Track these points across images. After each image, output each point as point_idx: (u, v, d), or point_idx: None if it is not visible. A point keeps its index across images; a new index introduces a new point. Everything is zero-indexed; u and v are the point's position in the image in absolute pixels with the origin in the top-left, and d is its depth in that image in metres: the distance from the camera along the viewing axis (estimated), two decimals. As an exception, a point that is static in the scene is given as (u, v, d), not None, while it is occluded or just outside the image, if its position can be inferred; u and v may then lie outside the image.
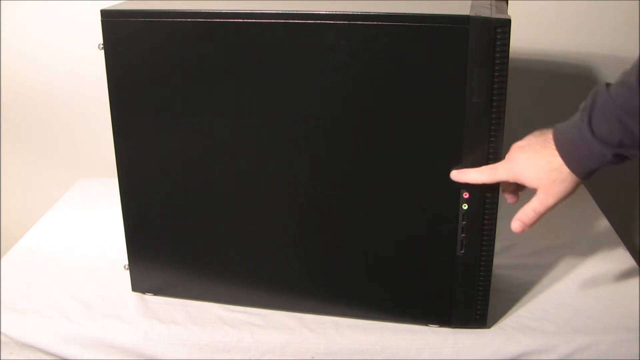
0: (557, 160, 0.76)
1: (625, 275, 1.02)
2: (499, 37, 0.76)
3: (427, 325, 0.92)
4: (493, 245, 0.86)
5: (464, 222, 0.84)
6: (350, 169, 0.86)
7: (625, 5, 1.29)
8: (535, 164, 0.78)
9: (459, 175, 0.82)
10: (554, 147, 0.77)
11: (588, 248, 1.10)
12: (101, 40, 0.86)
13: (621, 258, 1.07)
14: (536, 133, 0.80)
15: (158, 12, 0.84)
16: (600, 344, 0.88)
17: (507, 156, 0.81)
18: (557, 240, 1.12)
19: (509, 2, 0.92)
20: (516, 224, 0.81)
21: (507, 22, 0.75)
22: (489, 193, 0.83)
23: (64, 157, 1.49)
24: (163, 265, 0.97)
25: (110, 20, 0.85)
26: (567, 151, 0.76)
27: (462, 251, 0.86)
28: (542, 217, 0.80)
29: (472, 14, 0.76)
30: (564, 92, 1.36)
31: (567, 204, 0.81)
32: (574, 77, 1.35)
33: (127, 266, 0.99)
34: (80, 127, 1.45)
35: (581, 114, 0.75)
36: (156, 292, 1.00)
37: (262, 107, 0.85)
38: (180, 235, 0.95)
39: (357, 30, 0.79)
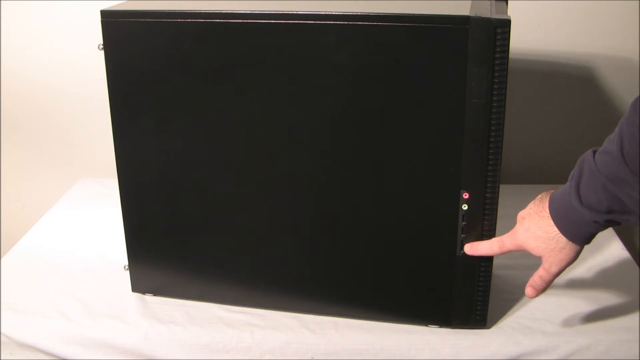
0: (553, 230, 0.79)
1: (625, 275, 1.02)
2: (499, 37, 0.76)
3: (427, 325, 0.92)
4: (493, 245, 0.86)
5: (464, 223, 0.84)
6: (349, 169, 0.86)
7: (625, 5, 1.29)
8: (534, 234, 0.80)
9: (471, 249, 0.85)
10: (549, 216, 0.79)
11: (588, 248, 1.09)
12: (101, 41, 0.86)
13: (621, 258, 1.07)
14: (537, 199, 0.82)
15: (158, 12, 0.84)
16: (600, 344, 0.88)
17: (515, 227, 0.84)
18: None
19: (509, 2, 0.92)
20: (529, 290, 0.85)
21: (507, 22, 0.75)
22: (489, 193, 0.83)
23: (64, 157, 1.49)
24: (163, 265, 0.97)
25: (110, 20, 0.85)
26: (561, 221, 0.78)
27: (462, 251, 0.86)
28: (553, 281, 0.84)
29: (472, 14, 0.76)
30: (564, 92, 1.36)
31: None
32: (574, 77, 1.35)
33: (127, 266, 0.99)
34: (80, 127, 1.45)
35: (570, 182, 0.77)
36: (156, 292, 1.00)
37: (262, 107, 0.85)
38: (180, 236, 0.95)
39: (357, 30, 0.79)
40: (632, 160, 0.70)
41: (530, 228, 0.81)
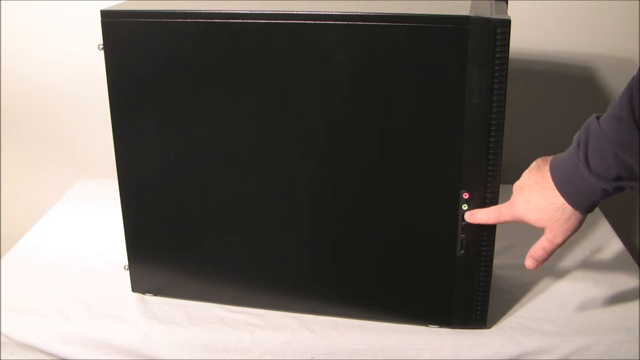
0: (558, 200, 0.77)
1: (625, 275, 1.02)
2: (499, 37, 0.76)
3: (427, 325, 0.92)
4: (493, 245, 0.86)
5: (463, 222, 0.84)
6: (349, 169, 0.86)
7: (625, 5, 1.29)
8: (536, 205, 0.78)
9: (471, 216, 0.84)
10: (553, 186, 0.77)
11: (588, 248, 1.10)
12: (101, 41, 0.86)
13: (621, 258, 1.07)
14: (532, 168, 0.80)
15: (158, 12, 0.84)
16: (600, 344, 0.88)
17: (511, 197, 0.82)
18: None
19: (509, 2, 0.92)
20: (529, 262, 0.83)
21: (507, 22, 0.75)
22: (489, 193, 0.83)
23: (64, 157, 1.49)
24: (163, 265, 0.97)
25: (110, 20, 0.85)
26: (568, 191, 0.76)
27: (462, 251, 0.86)
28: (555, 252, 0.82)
29: (472, 14, 0.76)
30: (564, 92, 1.36)
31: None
32: (574, 77, 1.35)
33: (127, 266, 0.99)
34: (80, 127, 1.45)
35: (575, 150, 0.75)
36: (156, 292, 1.00)
37: (262, 107, 0.85)
38: (180, 236, 0.95)
39: (357, 30, 0.79)
40: None
41: (532, 199, 0.79)
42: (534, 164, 0.81)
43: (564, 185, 0.76)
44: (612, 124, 0.71)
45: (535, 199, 0.78)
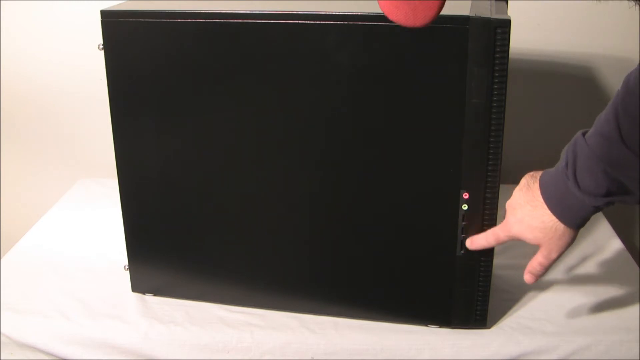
0: (550, 219, 0.78)
1: (625, 275, 1.02)
2: (498, 37, 0.76)
3: (427, 325, 0.92)
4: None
5: (464, 222, 0.84)
6: (349, 169, 0.86)
7: (625, 6, 1.28)
8: (529, 225, 0.79)
9: (472, 244, 0.85)
10: (544, 205, 0.78)
11: (588, 248, 1.10)
12: (101, 41, 0.86)
13: (621, 258, 1.07)
14: (523, 186, 0.81)
15: (158, 12, 0.84)
16: (600, 344, 0.88)
17: (505, 217, 0.83)
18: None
19: (509, 2, 0.92)
20: (528, 277, 0.84)
21: (507, 23, 0.75)
22: (489, 193, 0.83)
23: (64, 157, 1.49)
24: (163, 265, 0.97)
25: (110, 20, 0.85)
26: (559, 210, 0.77)
27: (462, 251, 0.86)
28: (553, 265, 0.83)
29: (472, 14, 0.76)
30: (564, 92, 1.36)
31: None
32: (574, 77, 1.35)
33: (127, 266, 0.99)
34: (80, 127, 1.45)
35: (564, 169, 0.76)
36: (156, 292, 1.00)
37: (262, 107, 0.85)
38: (180, 236, 0.95)
39: (357, 30, 0.79)
40: (633, 141, 0.69)
41: (525, 219, 0.80)
42: (523, 182, 0.82)
43: (555, 205, 0.77)
44: (599, 141, 0.72)
45: (527, 218, 0.79)
